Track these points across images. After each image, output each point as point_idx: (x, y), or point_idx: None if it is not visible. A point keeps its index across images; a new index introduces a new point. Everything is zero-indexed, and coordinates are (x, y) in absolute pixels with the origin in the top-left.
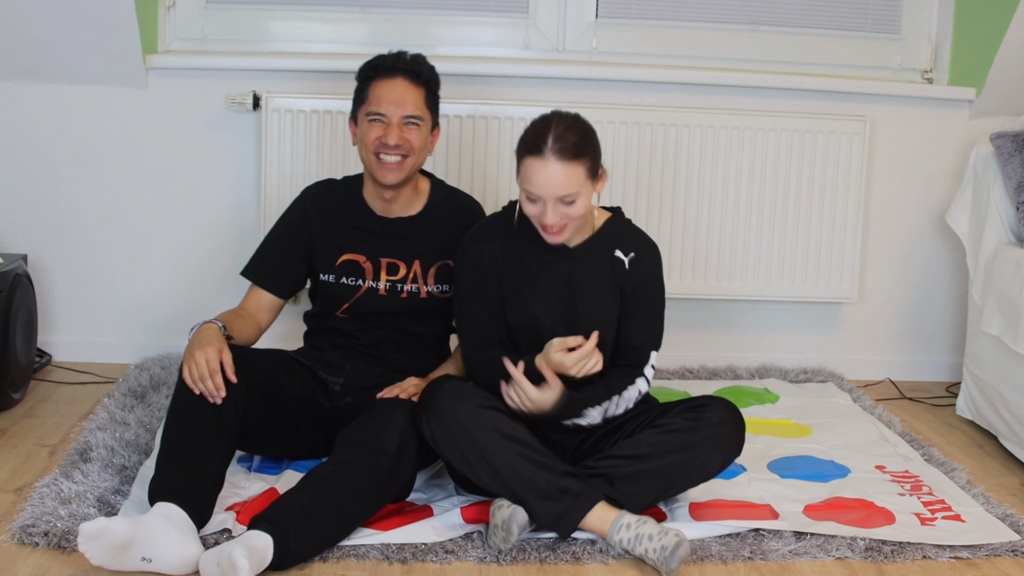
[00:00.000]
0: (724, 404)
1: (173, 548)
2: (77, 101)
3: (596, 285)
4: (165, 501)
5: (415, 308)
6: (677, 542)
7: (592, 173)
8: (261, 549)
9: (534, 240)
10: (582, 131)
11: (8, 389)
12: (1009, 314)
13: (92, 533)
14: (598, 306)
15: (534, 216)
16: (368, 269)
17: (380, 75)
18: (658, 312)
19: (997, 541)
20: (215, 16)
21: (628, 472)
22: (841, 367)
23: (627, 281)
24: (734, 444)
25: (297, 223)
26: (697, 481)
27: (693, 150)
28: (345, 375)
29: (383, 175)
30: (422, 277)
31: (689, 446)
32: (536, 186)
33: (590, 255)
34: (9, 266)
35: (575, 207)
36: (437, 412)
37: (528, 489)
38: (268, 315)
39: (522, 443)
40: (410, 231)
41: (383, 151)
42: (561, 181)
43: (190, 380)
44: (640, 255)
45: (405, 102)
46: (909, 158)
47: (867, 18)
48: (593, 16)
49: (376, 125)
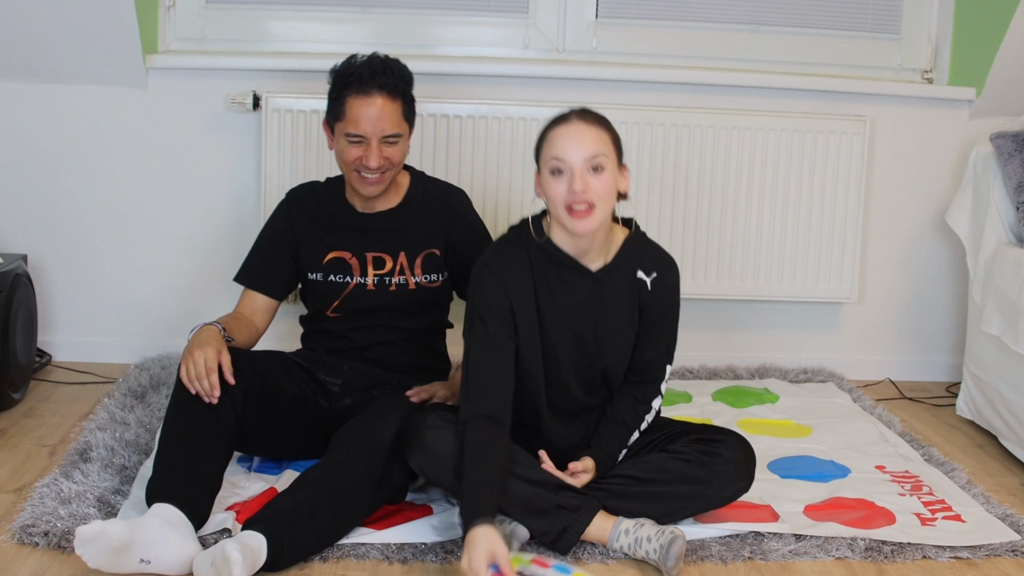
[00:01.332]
0: (739, 441)
1: (171, 549)
2: (77, 101)
3: (618, 311)
4: (162, 502)
5: (405, 300)
6: (673, 539)
7: (618, 152)
8: (256, 549)
9: (559, 260)
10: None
11: (8, 389)
12: (1009, 314)
13: (89, 536)
14: (618, 335)
15: (559, 197)
16: (355, 265)
17: (355, 91)
18: (675, 328)
19: (997, 541)
20: (215, 16)
21: (632, 492)
22: (841, 367)
23: (649, 300)
24: (744, 481)
25: (282, 225)
26: (702, 511)
27: (693, 150)
28: (343, 376)
29: (364, 189)
30: (409, 268)
31: (699, 479)
32: (564, 149)
33: (612, 277)
34: (9, 266)
35: (603, 180)
36: (423, 446)
37: (523, 509)
38: (264, 317)
39: (513, 462)
40: (392, 223)
41: (364, 171)
42: (590, 138)
43: (187, 379)
44: (661, 274)
45: (383, 121)
46: (909, 158)
47: (867, 18)
48: (593, 16)
49: (356, 146)
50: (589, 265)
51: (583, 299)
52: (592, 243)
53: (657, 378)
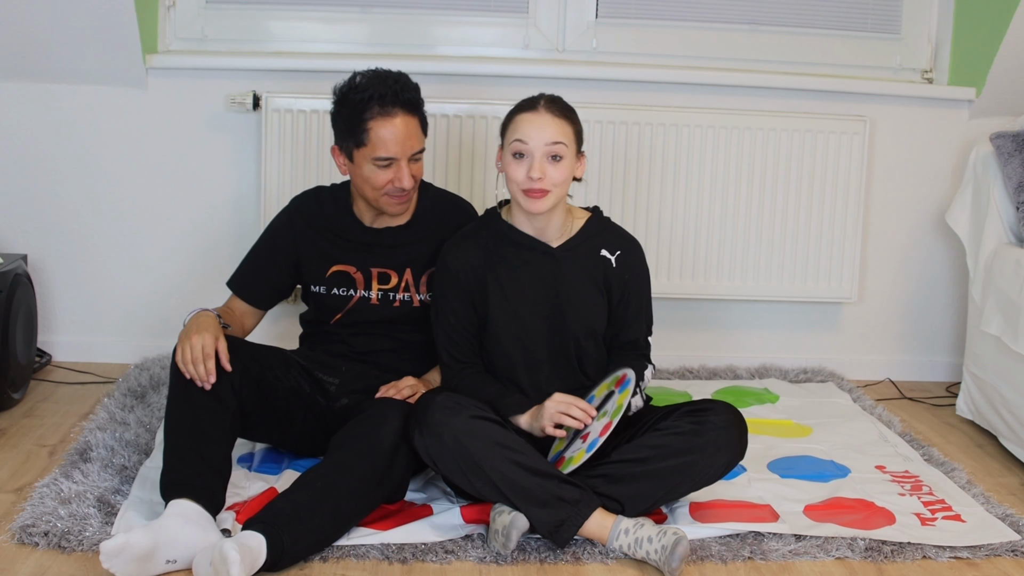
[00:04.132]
0: (727, 407)
1: (195, 545)
2: (77, 101)
3: (582, 284)
4: (178, 498)
5: (408, 316)
6: (676, 540)
7: (578, 142)
8: (255, 549)
9: (517, 242)
10: (569, 105)
11: (8, 389)
12: (1009, 314)
13: (113, 550)
14: (583, 307)
15: (519, 179)
16: (359, 280)
17: (377, 114)
18: (649, 302)
19: (997, 541)
20: (215, 16)
21: (630, 474)
22: (841, 367)
23: (615, 279)
24: (737, 447)
25: (283, 235)
26: (700, 484)
27: (693, 150)
28: (341, 375)
29: (392, 209)
30: (414, 285)
31: (693, 449)
32: (527, 135)
33: (574, 254)
34: (9, 266)
35: (560, 168)
36: (431, 426)
37: (524, 497)
38: (251, 320)
39: (517, 451)
40: (400, 240)
41: (395, 193)
42: (552, 129)
43: (182, 364)
44: (625, 252)
45: (410, 139)
46: (909, 158)
47: (867, 18)
48: (593, 16)
49: (386, 170)
50: (550, 243)
51: (545, 275)
52: (548, 222)
53: (644, 353)
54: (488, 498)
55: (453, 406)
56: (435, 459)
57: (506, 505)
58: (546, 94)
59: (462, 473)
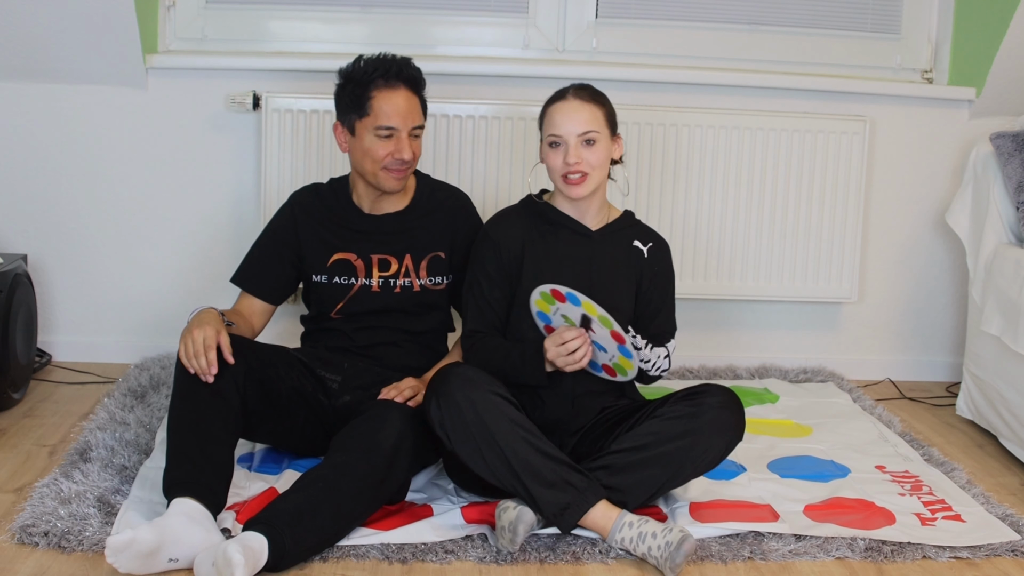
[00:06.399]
0: (722, 389)
1: (198, 545)
2: (77, 101)
3: (615, 269)
4: (181, 496)
5: (410, 303)
6: (682, 537)
7: (611, 125)
8: (257, 549)
9: (556, 221)
10: (599, 91)
11: (8, 389)
12: (1009, 314)
13: (120, 546)
14: (614, 292)
15: (557, 167)
16: (360, 267)
17: (381, 86)
18: (673, 300)
19: (997, 541)
20: (215, 16)
21: (631, 462)
22: (841, 367)
23: (646, 269)
24: (735, 428)
25: (284, 227)
26: (701, 469)
27: (693, 150)
28: (343, 373)
29: (389, 184)
30: (414, 271)
31: (691, 432)
32: (559, 126)
33: (610, 239)
34: (9, 266)
35: (595, 152)
36: (449, 396)
37: (534, 476)
38: (260, 319)
39: (531, 433)
40: (398, 226)
41: (394, 165)
42: (583, 116)
43: (185, 357)
44: (656, 246)
45: (412, 111)
46: (909, 158)
47: (867, 18)
48: (593, 16)
49: (387, 140)
50: (588, 226)
51: (581, 254)
52: (589, 207)
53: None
54: (495, 474)
55: (473, 378)
56: (449, 431)
57: (513, 485)
58: (574, 85)
59: (475, 445)
